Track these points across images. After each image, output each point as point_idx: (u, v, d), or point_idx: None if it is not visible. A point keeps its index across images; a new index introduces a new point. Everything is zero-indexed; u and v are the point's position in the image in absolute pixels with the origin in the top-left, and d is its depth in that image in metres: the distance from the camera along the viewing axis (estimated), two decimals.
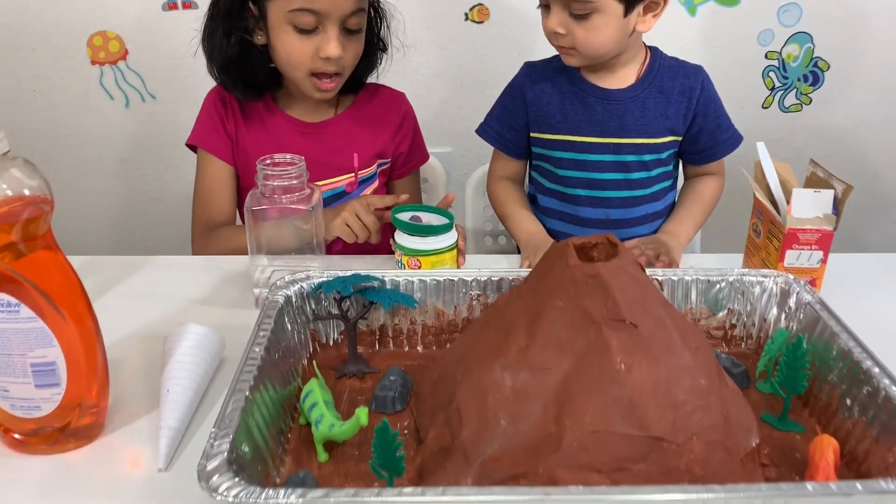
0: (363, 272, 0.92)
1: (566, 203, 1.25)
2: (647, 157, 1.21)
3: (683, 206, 1.24)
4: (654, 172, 1.23)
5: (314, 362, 0.89)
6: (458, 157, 1.98)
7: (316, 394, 0.78)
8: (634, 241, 1.16)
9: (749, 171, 1.08)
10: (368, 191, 1.33)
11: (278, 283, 0.91)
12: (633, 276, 0.74)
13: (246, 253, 1.06)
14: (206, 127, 1.28)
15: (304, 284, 0.92)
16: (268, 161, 1.00)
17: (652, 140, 1.21)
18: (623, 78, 1.20)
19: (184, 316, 1.03)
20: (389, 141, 1.33)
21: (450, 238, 1.04)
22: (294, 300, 0.90)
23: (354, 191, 1.31)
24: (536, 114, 1.23)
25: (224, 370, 0.91)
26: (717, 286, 0.94)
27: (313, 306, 0.92)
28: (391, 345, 0.95)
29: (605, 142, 1.21)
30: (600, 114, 1.20)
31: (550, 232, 1.29)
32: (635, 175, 1.22)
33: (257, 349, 0.79)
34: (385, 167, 1.35)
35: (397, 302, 0.88)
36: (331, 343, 0.94)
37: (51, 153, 1.98)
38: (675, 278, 0.94)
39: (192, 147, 1.30)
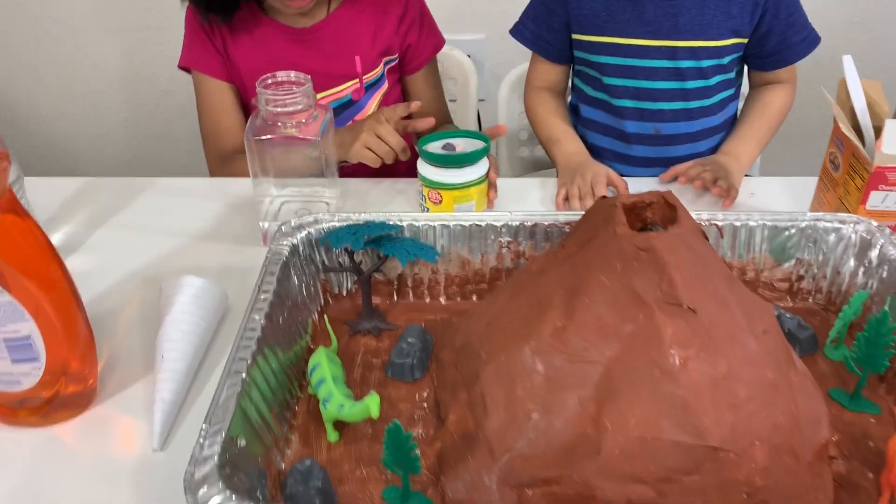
0: (377, 218, 0.81)
1: (611, 115, 1.11)
2: (705, 63, 1.05)
3: (746, 122, 1.08)
4: (713, 81, 1.07)
5: (325, 317, 0.81)
6: (492, 45, 1.80)
7: (324, 368, 0.69)
8: (690, 163, 1.03)
9: (824, 83, 0.92)
10: (378, 94, 1.19)
11: (283, 228, 0.81)
12: (694, 247, 0.63)
13: None
14: (194, 45, 1.13)
15: (313, 230, 0.81)
16: (269, 81, 0.87)
17: (712, 42, 1.04)
18: None
19: (185, 254, 0.94)
20: (394, 33, 1.16)
21: (478, 170, 0.92)
22: (301, 249, 0.80)
23: (362, 98, 1.17)
24: (579, 12, 1.07)
25: (228, 322, 0.83)
26: (786, 233, 0.81)
27: (323, 256, 0.82)
28: (410, 296, 0.85)
29: (657, 45, 1.04)
30: (652, 12, 1.03)
31: (593, 148, 1.15)
32: (691, 84, 1.06)
33: (257, 316, 0.70)
34: (393, 64, 1.20)
35: (415, 256, 0.77)
36: (344, 293, 0.85)
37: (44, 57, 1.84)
38: (737, 223, 0.82)
39: (185, 69, 1.17)
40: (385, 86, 1.20)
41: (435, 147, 0.94)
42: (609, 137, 1.13)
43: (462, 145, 0.94)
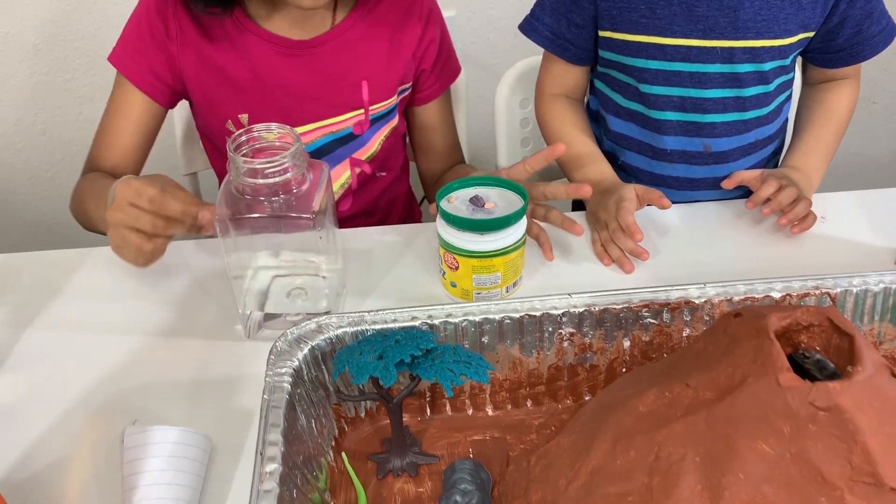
0: (400, 317, 0.62)
1: (649, 130, 0.92)
2: (767, 66, 0.86)
3: (812, 130, 0.91)
4: (773, 85, 0.89)
5: (344, 457, 0.62)
6: (464, 24, 1.57)
7: None
8: (757, 172, 0.86)
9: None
10: (385, 130, 0.96)
11: (278, 345, 0.61)
12: (885, 393, 0.45)
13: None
14: (130, 45, 0.88)
15: (318, 342, 0.61)
16: (242, 139, 0.66)
17: (777, 41, 0.85)
18: None
19: (143, 364, 0.71)
20: (411, 58, 0.93)
21: (508, 236, 0.72)
22: (306, 372, 0.61)
23: (365, 132, 0.94)
24: (611, 5, 0.86)
25: (213, 471, 0.62)
26: None
27: (336, 381, 0.62)
28: (448, 408, 0.66)
29: (710, 45, 0.85)
30: (705, 7, 0.83)
31: (625, 167, 0.96)
32: (750, 91, 0.88)
33: None
34: (405, 94, 0.97)
35: (462, 377, 0.58)
36: (363, 414, 0.65)
37: None
38: (852, 289, 0.65)
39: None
40: (395, 121, 0.96)
41: (459, 200, 0.74)
42: (645, 156, 0.94)
43: (494, 199, 0.74)
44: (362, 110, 0.91)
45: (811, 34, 0.87)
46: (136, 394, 0.68)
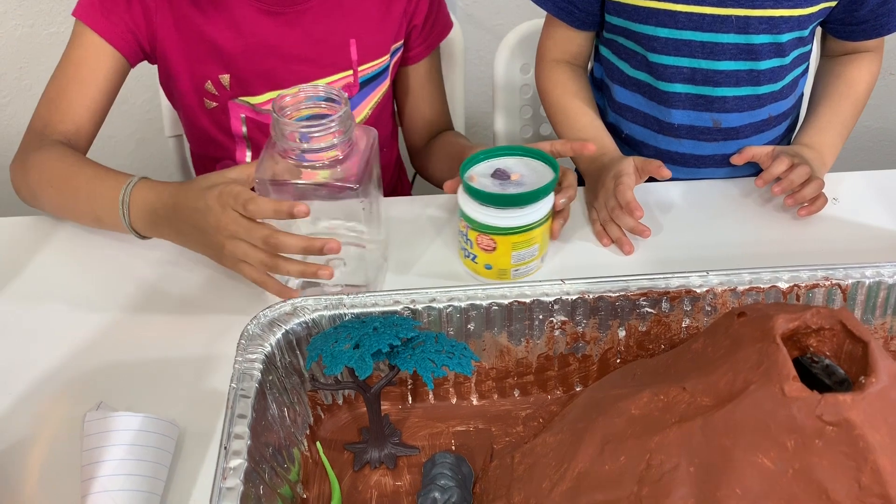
0: (380, 301, 0.58)
1: (656, 102, 0.87)
2: (785, 37, 0.81)
3: (828, 105, 0.86)
4: (790, 58, 0.83)
5: (319, 447, 0.58)
6: None
7: None
8: (769, 149, 0.81)
9: None
10: (377, 94, 0.91)
11: (250, 329, 0.57)
12: None
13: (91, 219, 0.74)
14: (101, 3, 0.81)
15: (292, 326, 0.58)
16: (287, 99, 0.62)
17: (796, 11, 0.80)
18: None
19: (113, 345, 0.67)
20: (402, 15, 0.88)
21: (544, 206, 0.69)
22: (279, 358, 0.57)
23: (355, 95, 0.89)
24: None
25: (181, 461, 0.59)
26: None
27: (311, 369, 0.58)
28: (430, 397, 0.63)
29: (724, 14, 0.80)
30: None
31: (629, 141, 0.92)
32: (765, 64, 0.82)
33: None
34: (398, 55, 0.92)
35: (444, 368, 0.54)
36: (340, 401, 0.62)
37: None
38: (865, 280, 0.61)
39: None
40: (386, 83, 0.91)
41: (482, 175, 0.70)
42: (651, 130, 0.89)
43: (519, 170, 0.70)
44: (350, 71, 0.86)
45: (833, 3, 0.81)
46: (103, 373, 0.65)
